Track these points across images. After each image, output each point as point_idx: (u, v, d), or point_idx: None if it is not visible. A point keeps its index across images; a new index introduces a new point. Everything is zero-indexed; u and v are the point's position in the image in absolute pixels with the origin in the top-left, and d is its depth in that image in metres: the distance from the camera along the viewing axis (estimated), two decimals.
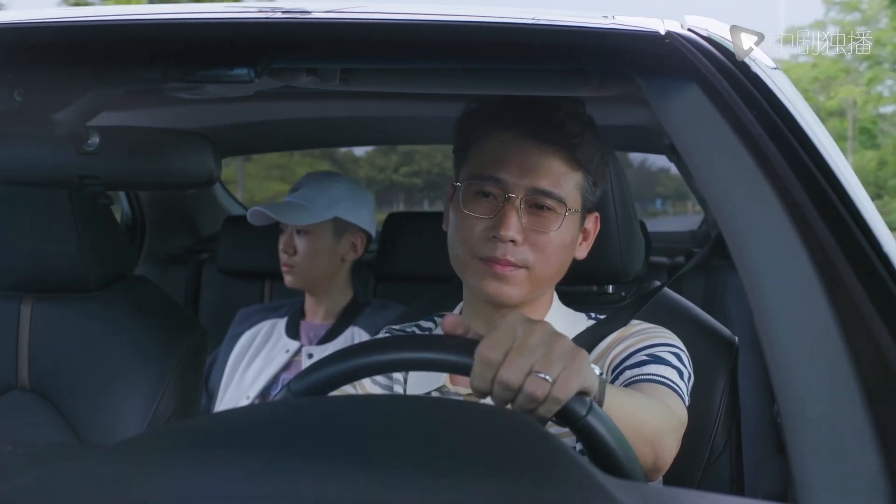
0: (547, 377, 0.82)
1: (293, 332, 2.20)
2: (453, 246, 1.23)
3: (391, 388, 1.28)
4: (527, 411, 0.83)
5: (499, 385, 0.83)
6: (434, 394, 1.25)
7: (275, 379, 2.14)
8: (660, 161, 2.62)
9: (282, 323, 2.23)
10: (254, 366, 2.18)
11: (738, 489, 1.37)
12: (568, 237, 1.21)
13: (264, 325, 2.25)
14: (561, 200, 1.18)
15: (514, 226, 1.16)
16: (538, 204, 1.18)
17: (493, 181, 1.19)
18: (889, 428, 0.69)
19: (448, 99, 1.28)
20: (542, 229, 1.18)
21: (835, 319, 0.74)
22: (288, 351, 2.16)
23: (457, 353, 0.89)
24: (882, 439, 0.68)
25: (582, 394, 0.84)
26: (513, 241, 1.16)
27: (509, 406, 0.85)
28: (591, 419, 0.84)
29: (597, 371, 0.89)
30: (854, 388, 0.71)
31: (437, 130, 1.27)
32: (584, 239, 1.26)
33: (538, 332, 0.84)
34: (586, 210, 1.24)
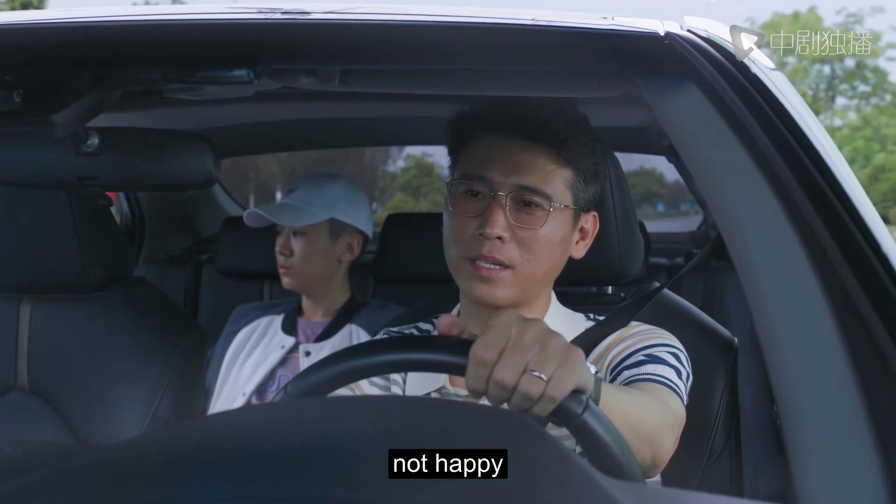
0: (542, 375, 0.82)
1: (290, 328, 2.20)
2: (446, 247, 1.23)
3: (388, 389, 1.28)
4: (523, 410, 0.83)
5: (494, 385, 0.83)
6: (434, 395, 1.25)
7: (271, 375, 2.14)
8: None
9: (278, 319, 2.23)
10: (249, 362, 2.17)
11: (737, 490, 1.37)
12: (557, 234, 1.20)
13: (261, 322, 2.25)
14: (547, 196, 1.18)
15: (499, 223, 1.16)
16: (525, 200, 1.19)
17: (480, 180, 1.19)
18: (888, 428, 0.69)
19: (447, 100, 1.28)
20: (530, 225, 1.18)
21: (834, 320, 0.74)
22: (284, 347, 2.16)
23: (451, 353, 0.89)
24: (881, 440, 0.68)
25: (577, 392, 0.84)
26: (499, 238, 1.16)
27: (505, 406, 0.85)
28: (587, 417, 0.84)
29: (592, 369, 0.89)
30: (853, 389, 0.71)
31: (436, 131, 1.28)
32: (582, 238, 1.26)
33: (532, 331, 0.84)
34: (581, 208, 1.23)
